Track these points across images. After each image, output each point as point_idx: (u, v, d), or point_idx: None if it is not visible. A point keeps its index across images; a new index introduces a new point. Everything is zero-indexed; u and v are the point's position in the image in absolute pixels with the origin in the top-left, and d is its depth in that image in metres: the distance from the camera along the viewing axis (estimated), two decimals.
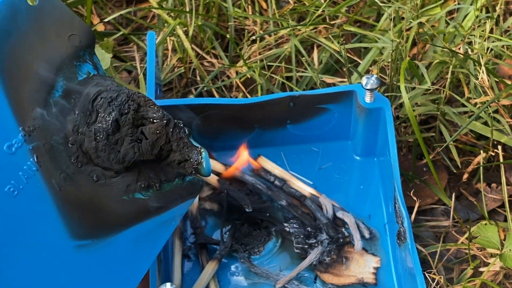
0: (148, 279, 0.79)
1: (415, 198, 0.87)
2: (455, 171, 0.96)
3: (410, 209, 0.94)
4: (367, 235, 0.89)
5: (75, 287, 0.71)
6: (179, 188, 0.76)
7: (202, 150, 0.74)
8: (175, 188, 0.76)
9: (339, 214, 0.90)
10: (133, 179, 0.73)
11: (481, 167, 0.90)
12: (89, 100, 0.72)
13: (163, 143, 0.73)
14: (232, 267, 0.88)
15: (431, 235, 0.92)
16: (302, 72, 1.02)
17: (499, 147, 0.90)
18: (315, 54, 1.03)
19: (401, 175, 0.96)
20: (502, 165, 0.89)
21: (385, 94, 0.96)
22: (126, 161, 0.72)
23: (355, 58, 1.03)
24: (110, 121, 0.70)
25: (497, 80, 0.95)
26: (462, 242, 0.88)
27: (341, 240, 0.88)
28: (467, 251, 0.87)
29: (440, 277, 0.81)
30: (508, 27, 1.02)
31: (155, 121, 0.72)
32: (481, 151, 0.91)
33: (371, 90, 0.87)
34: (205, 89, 1.02)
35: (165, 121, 0.72)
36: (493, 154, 0.92)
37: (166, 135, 0.73)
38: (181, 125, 0.74)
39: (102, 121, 0.70)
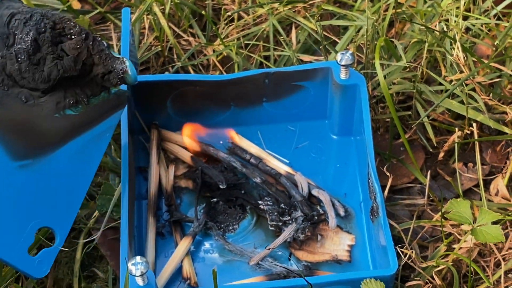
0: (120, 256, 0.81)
1: (388, 174, 0.88)
2: (431, 150, 0.98)
3: (385, 188, 0.95)
4: (342, 213, 0.90)
5: (22, 205, 0.75)
6: (106, 101, 0.79)
7: (125, 59, 0.77)
8: (103, 101, 0.79)
9: (314, 192, 0.92)
10: (61, 96, 0.76)
11: (456, 145, 0.91)
12: (3, 24, 0.74)
13: (85, 57, 0.75)
14: (207, 245, 0.90)
15: (406, 213, 0.93)
16: (281, 51, 1.03)
17: (474, 124, 0.91)
18: (293, 34, 1.05)
19: (378, 155, 0.97)
20: (476, 143, 0.91)
21: (362, 71, 0.97)
22: (51, 80, 0.74)
23: (334, 38, 1.04)
24: (29, 41, 0.72)
25: (474, 60, 0.96)
26: (436, 220, 0.89)
27: (316, 217, 0.90)
28: (442, 229, 0.89)
29: (412, 252, 0.83)
30: (488, 7, 1.04)
31: (73, 36, 0.74)
32: (456, 129, 0.92)
33: (346, 66, 0.88)
34: (182, 67, 1.03)
35: (83, 35, 0.75)
36: (468, 132, 0.93)
37: (87, 49, 0.75)
38: (100, 39, 0.76)
39: (21, 42, 0.73)
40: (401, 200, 0.94)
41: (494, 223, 0.79)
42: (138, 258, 0.77)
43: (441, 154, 0.95)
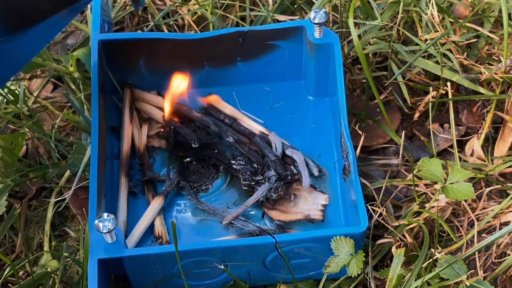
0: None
1: (360, 132, 0.89)
2: (407, 111, 0.99)
3: (361, 148, 0.97)
4: (316, 173, 0.92)
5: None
6: None
7: None
8: None
9: (288, 152, 0.93)
10: None
11: (430, 105, 0.92)
12: None
13: None
14: (179, 204, 0.91)
15: (381, 174, 0.95)
16: (257, 12, 1.04)
17: (449, 83, 0.92)
18: None
19: (354, 116, 0.98)
20: (451, 103, 0.92)
21: (337, 31, 0.98)
22: None
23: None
24: None
25: (451, 20, 0.97)
26: (409, 179, 0.91)
27: (289, 177, 0.91)
28: (416, 190, 0.90)
29: (383, 209, 0.84)
30: None
31: None
32: (431, 89, 0.93)
33: (319, 24, 0.89)
34: (156, 26, 1.04)
35: None
36: (444, 92, 0.94)
37: None
38: None
39: None
40: (376, 161, 0.95)
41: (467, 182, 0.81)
42: (105, 215, 0.78)
43: (416, 115, 0.97)
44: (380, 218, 0.85)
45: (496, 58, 0.93)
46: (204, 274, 0.84)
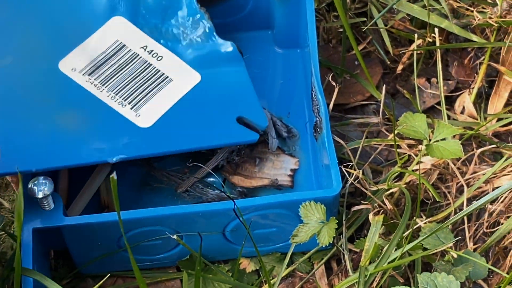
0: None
1: (333, 83, 0.82)
2: (390, 64, 0.91)
3: (336, 106, 0.89)
4: (284, 134, 0.84)
5: None
6: None
7: None
8: None
9: None
10: None
11: (415, 55, 0.84)
12: None
13: None
14: (129, 171, 0.83)
15: (359, 135, 0.87)
16: None
17: (436, 30, 0.84)
18: None
19: (329, 69, 0.91)
20: (438, 52, 0.84)
21: None
22: None
23: None
24: None
25: None
26: (390, 139, 0.83)
27: None
28: (398, 152, 0.82)
29: (359, 172, 0.76)
30: None
31: None
32: (416, 36, 0.85)
33: None
34: None
35: None
36: (431, 41, 0.86)
37: None
38: None
39: None
40: (353, 120, 0.88)
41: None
42: (41, 178, 0.71)
43: (400, 67, 0.89)
44: (356, 182, 0.77)
45: (491, 1, 0.85)
46: (156, 247, 0.77)
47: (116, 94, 0.76)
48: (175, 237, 0.70)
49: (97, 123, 0.75)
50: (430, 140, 0.74)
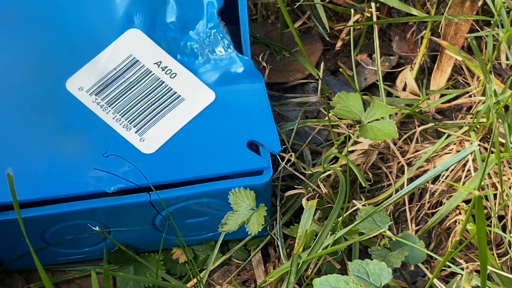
0: None
1: (264, 63, 0.80)
2: (330, 40, 0.89)
3: (275, 85, 0.88)
4: None
5: None
6: None
7: None
8: None
9: None
10: None
11: (351, 31, 0.83)
12: None
13: None
14: None
15: (298, 115, 0.85)
16: None
17: (373, 4, 0.83)
18: None
19: (268, 47, 0.89)
20: (375, 26, 0.82)
21: None
22: None
23: None
24: None
25: None
26: (327, 119, 0.82)
27: None
28: (336, 132, 0.81)
29: (291, 155, 0.75)
30: None
31: None
32: (352, 11, 0.83)
33: None
34: None
35: None
36: (369, 15, 0.85)
37: None
38: None
39: None
40: (292, 99, 0.86)
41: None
42: None
43: (339, 43, 0.87)
44: (289, 165, 0.76)
45: None
46: (84, 240, 0.75)
47: (122, 116, 0.72)
48: (97, 229, 0.68)
49: (97, 148, 0.71)
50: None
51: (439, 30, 0.86)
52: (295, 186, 0.77)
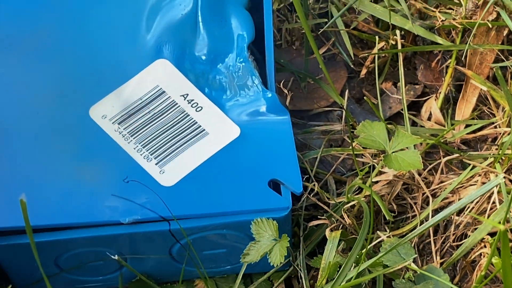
0: None
1: (285, 91, 0.79)
2: (354, 67, 0.89)
3: (299, 113, 0.87)
4: None
5: None
6: None
7: None
8: None
9: None
10: None
11: (376, 59, 0.82)
12: None
13: None
14: None
15: (322, 143, 0.85)
16: None
17: (398, 32, 0.82)
18: None
19: (292, 74, 0.89)
20: (400, 55, 0.82)
21: None
22: None
23: None
24: None
25: None
26: (352, 148, 0.81)
27: None
28: (360, 161, 0.80)
29: (314, 184, 0.74)
30: None
31: None
32: (377, 38, 0.83)
33: None
34: None
35: None
36: (394, 43, 0.84)
37: None
38: None
39: None
40: (316, 127, 0.86)
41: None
42: None
43: (363, 71, 0.87)
44: (312, 195, 0.75)
45: (457, 1, 0.83)
46: (100, 267, 0.74)
47: (144, 147, 0.72)
48: (116, 257, 0.68)
49: (116, 178, 0.71)
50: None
51: (463, 59, 0.85)
52: (318, 216, 0.76)
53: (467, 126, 0.84)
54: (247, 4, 0.77)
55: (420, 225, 0.76)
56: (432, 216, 0.76)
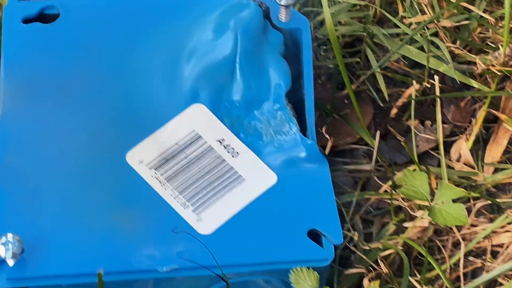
0: None
1: (327, 136, 0.79)
2: (382, 104, 0.88)
3: (323, 148, 0.86)
4: None
5: None
6: None
7: None
8: None
9: None
10: None
11: (413, 101, 0.82)
12: None
13: None
14: None
15: (349, 181, 0.84)
16: None
17: (436, 77, 0.82)
18: None
19: (317, 109, 0.88)
20: (438, 99, 0.81)
21: (303, 10, 0.88)
22: None
23: None
24: None
25: None
26: (385, 191, 0.80)
27: None
28: (391, 205, 0.80)
29: (354, 234, 0.74)
30: None
31: None
32: (414, 81, 0.82)
33: (286, 6, 0.77)
34: None
35: None
36: (428, 85, 0.84)
37: None
38: None
39: None
40: (343, 165, 0.85)
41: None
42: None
43: (394, 111, 0.86)
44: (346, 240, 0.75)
45: (492, 45, 0.83)
46: None
47: (180, 193, 0.71)
48: None
49: (153, 225, 0.70)
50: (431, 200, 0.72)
51: (495, 100, 0.85)
52: (354, 265, 0.75)
53: (496, 169, 0.83)
54: (284, 51, 0.76)
55: (449, 270, 0.76)
56: (464, 259, 0.76)
